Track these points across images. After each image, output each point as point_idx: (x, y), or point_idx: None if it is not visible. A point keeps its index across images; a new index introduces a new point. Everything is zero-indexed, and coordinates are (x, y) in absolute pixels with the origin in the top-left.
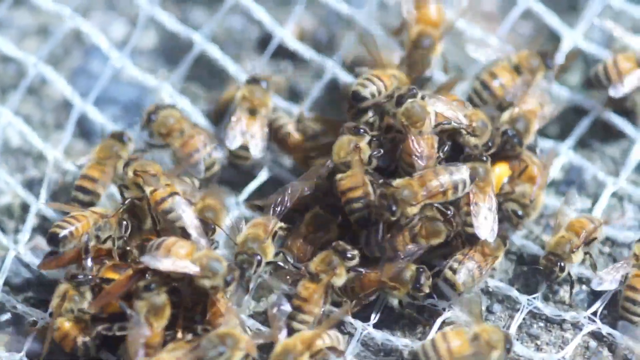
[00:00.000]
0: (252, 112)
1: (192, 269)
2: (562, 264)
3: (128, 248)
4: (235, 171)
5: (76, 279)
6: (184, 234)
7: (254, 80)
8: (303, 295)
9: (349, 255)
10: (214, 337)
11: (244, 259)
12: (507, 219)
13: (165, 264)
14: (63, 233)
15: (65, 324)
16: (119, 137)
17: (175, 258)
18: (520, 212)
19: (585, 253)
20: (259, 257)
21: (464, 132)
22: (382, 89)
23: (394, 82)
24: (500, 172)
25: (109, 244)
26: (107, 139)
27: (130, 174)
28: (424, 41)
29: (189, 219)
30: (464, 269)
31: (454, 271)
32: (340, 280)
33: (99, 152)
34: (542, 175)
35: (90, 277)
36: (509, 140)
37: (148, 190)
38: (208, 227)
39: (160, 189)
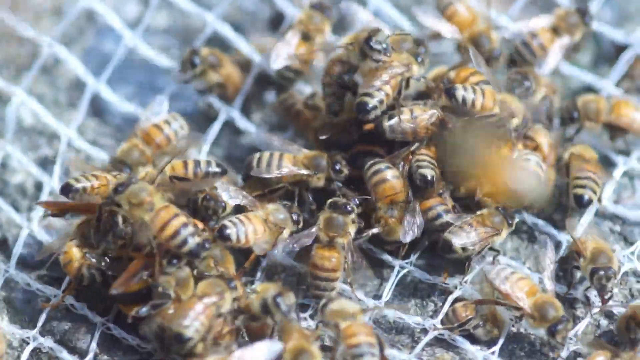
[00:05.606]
0: (306, 37)
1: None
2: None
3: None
4: (242, 150)
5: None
6: None
7: (316, 6)
8: (325, 266)
9: (349, 209)
10: None
11: None
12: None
13: None
14: (76, 186)
15: (73, 249)
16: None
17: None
18: None
19: None
20: None
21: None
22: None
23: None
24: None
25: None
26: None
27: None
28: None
29: None
30: (463, 234)
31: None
32: (353, 232)
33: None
34: (553, 153)
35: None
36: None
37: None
38: (218, 204)
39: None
